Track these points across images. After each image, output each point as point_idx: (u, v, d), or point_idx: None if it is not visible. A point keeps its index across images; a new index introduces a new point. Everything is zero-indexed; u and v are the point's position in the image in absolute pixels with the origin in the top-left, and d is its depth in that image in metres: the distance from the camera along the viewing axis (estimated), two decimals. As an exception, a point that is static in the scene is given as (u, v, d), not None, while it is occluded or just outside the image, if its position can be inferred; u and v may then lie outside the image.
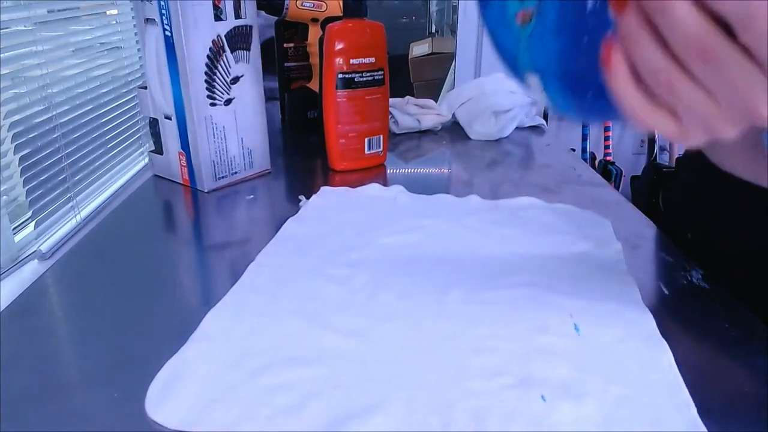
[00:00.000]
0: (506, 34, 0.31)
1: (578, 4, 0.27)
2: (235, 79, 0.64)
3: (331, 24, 0.66)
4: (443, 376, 0.34)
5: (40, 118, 0.59)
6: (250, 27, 0.64)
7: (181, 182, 0.67)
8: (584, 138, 1.86)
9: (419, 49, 1.93)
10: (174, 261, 0.50)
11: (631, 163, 1.90)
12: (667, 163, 1.81)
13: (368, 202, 0.60)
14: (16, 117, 0.56)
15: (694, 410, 0.31)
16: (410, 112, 0.87)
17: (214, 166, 0.64)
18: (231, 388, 0.33)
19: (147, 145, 0.80)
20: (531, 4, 0.29)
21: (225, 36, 0.61)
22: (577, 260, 0.48)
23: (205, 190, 0.64)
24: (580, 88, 0.29)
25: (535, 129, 0.91)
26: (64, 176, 0.62)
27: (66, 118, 0.63)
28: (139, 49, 0.82)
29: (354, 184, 0.64)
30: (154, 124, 0.67)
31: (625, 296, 0.42)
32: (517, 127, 0.88)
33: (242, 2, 0.62)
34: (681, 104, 0.23)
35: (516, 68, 0.32)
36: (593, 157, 1.88)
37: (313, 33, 0.86)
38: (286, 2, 0.81)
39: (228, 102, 0.64)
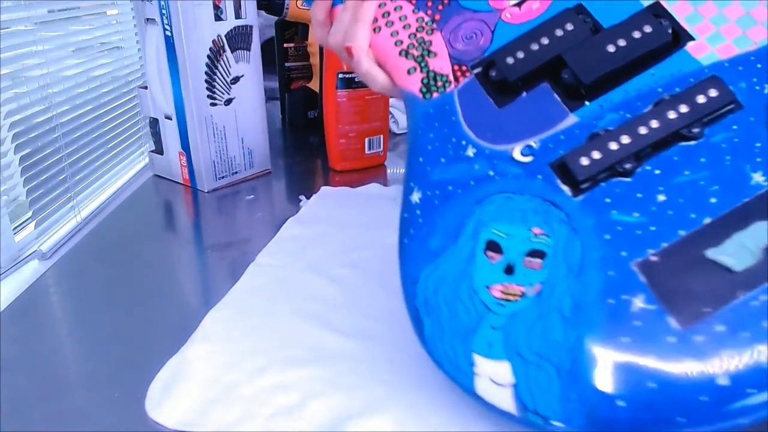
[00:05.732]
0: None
1: None
2: (236, 79, 0.64)
3: (331, 24, 0.66)
4: (443, 376, 0.34)
5: (40, 118, 0.59)
6: (251, 27, 0.64)
7: (182, 182, 0.67)
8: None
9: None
10: (174, 261, 0.50)
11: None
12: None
13: (368, 202, 0.60)
14: (17, 117, 0.56)
15: (694, 410, 0.31)
16: (410, 112, 0.87)
17: (215, 166, 0.64)
18: (231, 388, 0.33)
19: (147, 145, 0.80)
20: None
21: (225, 36, 0.61)
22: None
23: (206, 190, 0.64)
24: None
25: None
26: (64, 176, 0.62)
27: (66, 118, 0.63)
28: (139, 49, 0.82)
29: (354, 184, 0.64)
30: (154, 124, 0.67)
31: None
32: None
33: (242, 2, 0.62)
34: None
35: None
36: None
37: (314, 33, 0.85)
38: (286, 2, 0.81)
39: (228, 102, 0.64)
